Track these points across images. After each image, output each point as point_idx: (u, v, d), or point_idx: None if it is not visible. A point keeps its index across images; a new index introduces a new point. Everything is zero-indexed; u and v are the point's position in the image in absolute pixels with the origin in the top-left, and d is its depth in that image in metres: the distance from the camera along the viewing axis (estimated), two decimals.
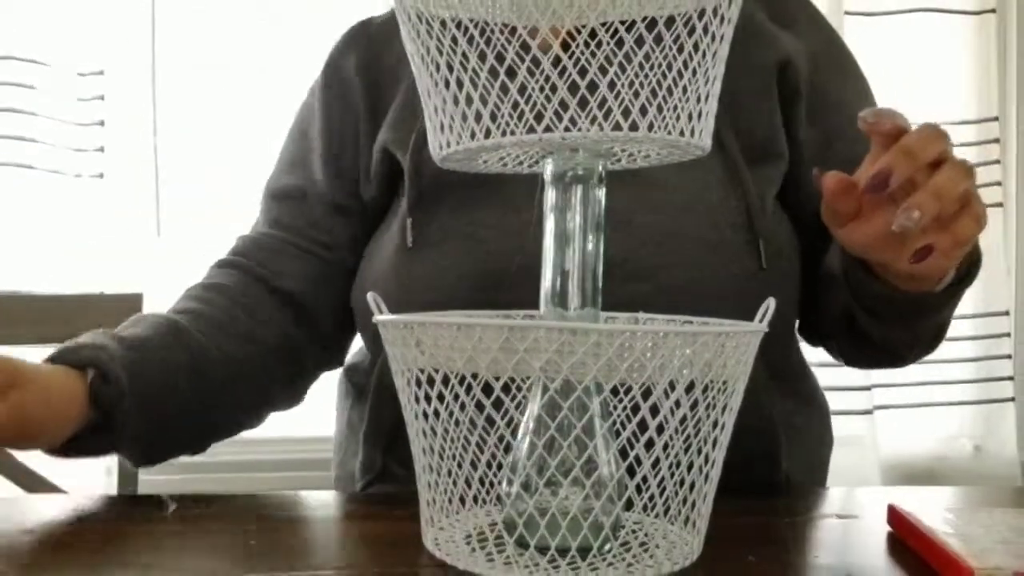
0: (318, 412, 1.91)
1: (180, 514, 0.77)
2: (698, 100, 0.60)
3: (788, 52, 0.95)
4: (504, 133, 0.61)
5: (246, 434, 1.84)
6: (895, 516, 0.70)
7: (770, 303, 0.60)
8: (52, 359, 0.81)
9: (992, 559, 0.58)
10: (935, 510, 0.69)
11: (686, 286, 0.84)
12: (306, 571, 0.61)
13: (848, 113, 0.96)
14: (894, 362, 0.96)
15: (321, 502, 0.82)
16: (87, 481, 1.63)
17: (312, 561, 0.63)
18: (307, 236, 1.03)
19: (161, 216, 1.81)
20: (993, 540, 0.63)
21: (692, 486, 0.61)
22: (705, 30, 0.60)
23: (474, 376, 0.59)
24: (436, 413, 0.62)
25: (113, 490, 1.34)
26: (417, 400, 0.62)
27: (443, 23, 0.62)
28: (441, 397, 0.61)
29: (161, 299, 1.78)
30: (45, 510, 0.80)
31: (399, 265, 0.91)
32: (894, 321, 0.84)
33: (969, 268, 0.80)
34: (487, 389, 0.59)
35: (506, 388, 0.61)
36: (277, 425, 1.79)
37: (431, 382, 0.60)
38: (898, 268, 0.74)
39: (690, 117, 0.60)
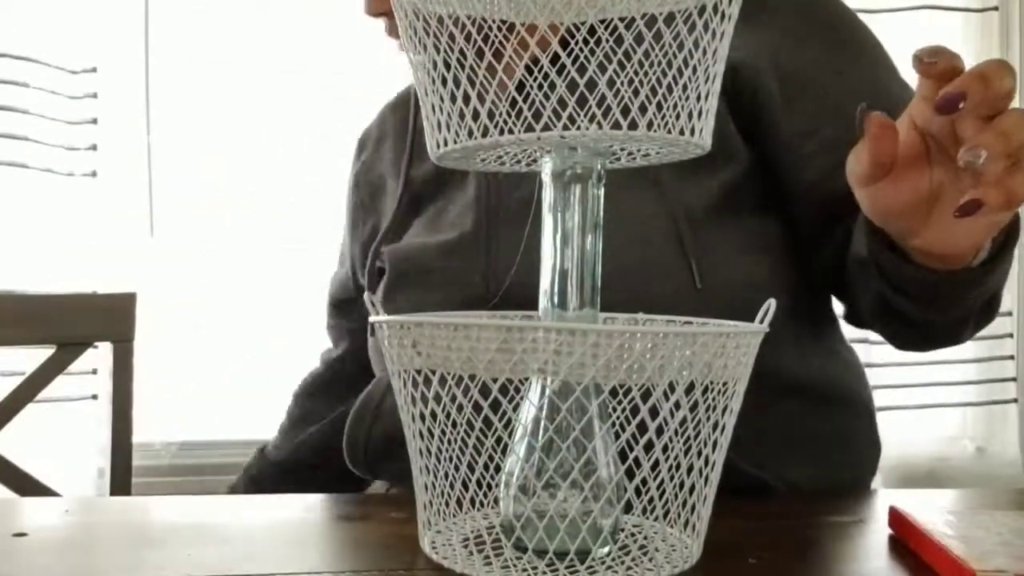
0: None
1: (175, 515, 0.77)
2: (699, 98, 0.60)
3: (737, 56, 0.89)
4: (502, 131, 0.60)
5: (247, 436, 1.85)
6: (896, 518, 0.70)
7: (771, 304, 0.59)
8: None
9: (994, 561, 0.58)
10: (937, 512, 0.69)
11: (619, 303, 0.82)
12: (302, 573, 0.60)
13: (832, 93, 0.91)
14: (947, 340, 0.91)
15: (318, 504, 0.81)
16: (80, 484, 1.63)
17: (308, 563, 0.63)
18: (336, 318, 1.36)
19: (154, 215, 1.81)
20: (995, 542, 0.62)
21: (692, 489, 0.60)
22: (706, 27, 0.59)
23: (471, 377, 0.58)
24: (433, 415, 0.61)
25: (106, 492, 1.34)
26: (414, 402, 0.62)
27: (440, 20, 0.62)
28: (438, 398, 0.60)
29: (154, 298, 1.78)
30: (38, 512, 0.80)
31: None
32: (932, 302, 0.80)
33: (1006, 238, 0.74)
34: (484, 390, 0.58)
35: (504, 389, 0.61)
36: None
37: (428, 383, 0.60)
38: (917, 242, 0.70)
39: (690, 115, 0.60)
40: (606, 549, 0.61)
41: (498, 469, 0.65)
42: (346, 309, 1.30)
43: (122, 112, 1.83)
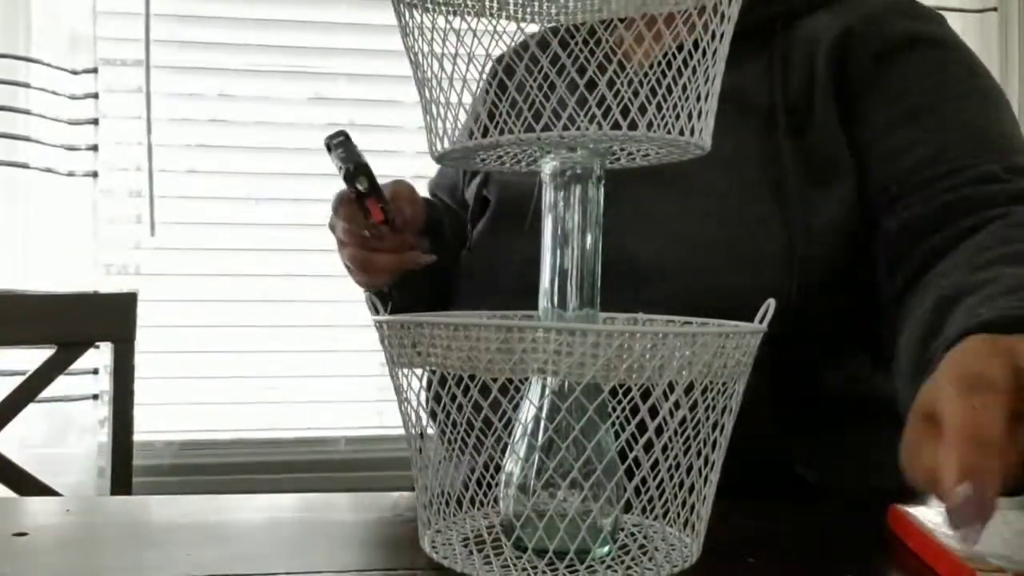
0: (322, 414, 1.92)
1: (176, 514, 0.77)
2: (698, 99, 0.60)
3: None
4: (502, 131, 0.61)
5: (248, 436, 1.85)
6: (896, 517, 0.70)
7: (770, 304, 0.60)
8: None
9: (994, 562, 0.58)
10: (936, 512, 0.69)
11: (709, 294, 0.82)
12: (302, 573, 0.61)
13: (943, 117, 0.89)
14: None
15: (318, 503, 0.81)
16: (81, 483, 1.63)
17: (308, 563, 0.63)
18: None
19: (155, 215, 1.81)
20: (994, 542, 0.62)
21: (691, 488, 0.60)
22: (705, 28, 0.59)
23: (471, 377, 0.58)
24: (433, 414, 0.62)
25: (107, 492, 1.34)
26: (413, 401, 0.62)
27: (440, 20, 0.62)
28: (438, 398, 0.60)
29: (156, 298, 1.79)
30: (39, 512, 0.80)
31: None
32: None
33: None
34: (484, 390, 0.58)
35: (504, 389, 0.61)
36: (280, 426, 1.80)
37: (428, 383, 0.60)
38: None
39: (690, 116, 0.60)
40: (606, 549, 0.61)
41: (498, 469, 0.65)
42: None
43: (123, 113, 1.84)
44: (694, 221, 0.89)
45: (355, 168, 0.93)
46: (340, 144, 0.96)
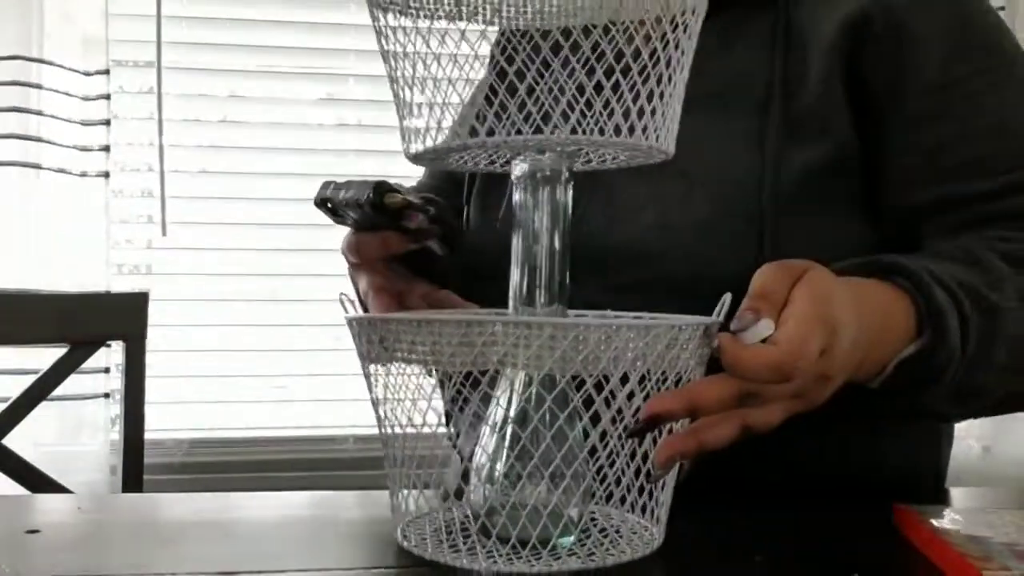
0: (331, 412, 1.93)
1: (186, 512, 0.78)
2: (649, 99, 0.61)
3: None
4: (472, 134, 0.62)
5: (257, 434, 1.86)
6: (902, 517, 0.70)
7: (726, 298, 0.61)
8: None
9: (999, 561, 0.58)
10: (942, 511, 0.69)
11: (684, 275, 0.80)
12: (312, 570, 0.62)
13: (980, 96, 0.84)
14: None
15: (329, 501, 0.83)
16: (92, 481, 1.66)
17: (318, 560, 0.64)
18: None
19: (166, 215, 1.83)
20: (1001, 542, 0.62)
21: (648, 475, 0.62)
22: (662, 37, 0.61)
23: (438, 370, 0.60)
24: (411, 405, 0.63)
25: (118, 489, 1.35)
26: (385, 394, 0.64)
27: (409, 26, 0.64)
28: (409, 391, 0.62)
29: (167, 297, 1.81)
30: (51, 509, 0.81)
31: None
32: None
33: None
34: (453, 383, 0.60)
35: (476, 383, 0.63)
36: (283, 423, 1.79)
37: (396, 377, 0.62)
38: None
39: (654, 121, 0.61)
40: (571, 537, 0.63)
41: (469, 459, 0.67)
42: None
43: (135, 114, 1.86)
44: (667, 203, 0.83)
45: (377, 187, 0.77)
46: (338, 187, 0.80)
